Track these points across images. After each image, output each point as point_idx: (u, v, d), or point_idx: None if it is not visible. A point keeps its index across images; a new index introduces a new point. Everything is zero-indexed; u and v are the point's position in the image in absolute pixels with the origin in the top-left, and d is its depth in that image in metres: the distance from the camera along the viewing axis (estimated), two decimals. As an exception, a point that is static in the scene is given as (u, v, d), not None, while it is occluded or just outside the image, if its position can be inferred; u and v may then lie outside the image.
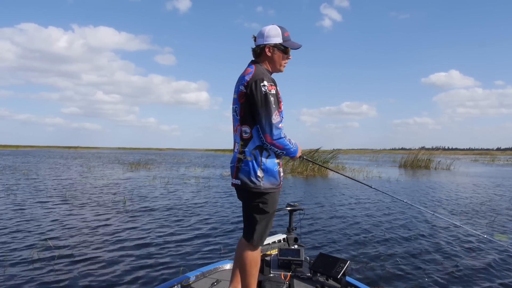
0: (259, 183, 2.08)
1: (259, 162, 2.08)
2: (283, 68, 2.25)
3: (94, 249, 4.56)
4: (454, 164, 24.81)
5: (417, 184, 13.78)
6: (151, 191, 10.35)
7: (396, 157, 31.24)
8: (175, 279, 2.65)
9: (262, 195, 2.10)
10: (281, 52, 2.17)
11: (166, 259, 4.22)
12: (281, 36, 2.15)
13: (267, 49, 2.16)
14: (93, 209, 7.30)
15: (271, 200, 2.14)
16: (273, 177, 2.11)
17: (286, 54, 2.20)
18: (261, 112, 2.02)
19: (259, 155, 2.09)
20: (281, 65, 2.22)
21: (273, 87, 2.05)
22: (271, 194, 2.13)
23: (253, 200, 2.13)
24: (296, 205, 3.45)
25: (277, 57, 2.18)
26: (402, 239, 5.35)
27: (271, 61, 2.19)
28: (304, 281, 2.68)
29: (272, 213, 2.18)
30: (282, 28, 2.17)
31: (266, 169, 2.09)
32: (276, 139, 2.04)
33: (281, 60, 2.20)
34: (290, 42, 2.19)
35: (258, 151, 2.09)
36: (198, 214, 6.96)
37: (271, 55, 2.17)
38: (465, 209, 8.02)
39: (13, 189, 10.11)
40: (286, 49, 2.19)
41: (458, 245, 5.01)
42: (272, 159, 2.11)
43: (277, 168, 2.14)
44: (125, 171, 18.16)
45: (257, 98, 2.02)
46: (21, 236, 5.08)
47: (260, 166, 2.08)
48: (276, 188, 2.15)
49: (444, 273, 3.92)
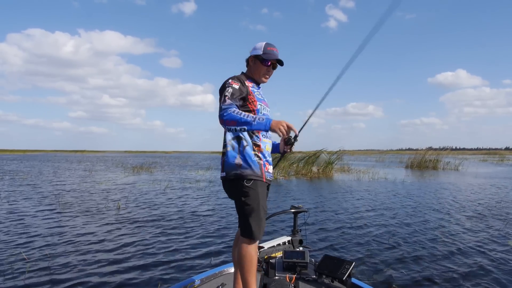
0: (237, 170, 2.16)
1: (236, 150, 2.19)
2: (266, 80, 2.42)
3: (87, 257, 4.27)
4: (462, 164, 24.25)
5: (425, 185, 13.33)
6: (151, 194, 10.08)
7: (403, 157, 30.65)
8: (180, 283, 2.65)
9: (242, 186, 2.15)
10: (260, 63, 2.35)
11: (170, 264, 4.15)
12: (262, 49, 2.34)
13: (250, 60, 2.40)
14: (85, 215, 7.02)
15: (253, 193, 2.15)
16: (253, 165, 2.17)
17: (265, 66, 2.36)
18: (219, 101, 2.16)
19: (237, 144, 2.20)
20: (260, 75, 2.39)
21: (235, 83, 2.20)
22: (252, 185, 2.15)
23: (235, 191, 2.19)
24: (300, 207, 3.44)
25: (256, 67, 2.37)
26: (408, 240, 5.22)
27: (252, 71, 2.40)
28: (310, 283, 2.67)
29: (256, 206, 2.16)
30: (270, 44, 2.38)
31: (244, 157, 2.17)
32: (222, 114, 2.04)
33: (260, 70, 2.37)
34: (268, 55, 2.34)
35: (235, 141, 2.21)
36: (200, 217, 6.71)
37: (252, 65, 2.39)
38: (477, 212, 7.60)
39: (4, 195, 9.87)
40: (264, 61, 2.34)
41: (466, 249, 4.77)
42: (250, 148, 2.20)
43: (257, 160, 2.20)
44: (127, 175, 17.97)
45: (220, 90, 2.22)
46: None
47: (238, 154, 2.18)
48: (257, 178, 2.17)
49: (451, 276, 3.82)
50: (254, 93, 2.33)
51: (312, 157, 18.76)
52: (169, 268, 3.99)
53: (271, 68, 2.41)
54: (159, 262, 4.20)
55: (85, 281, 3.58)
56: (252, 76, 2.40)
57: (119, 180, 14.82)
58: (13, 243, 4.91)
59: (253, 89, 2.34)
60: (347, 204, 8.65)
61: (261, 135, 2.28)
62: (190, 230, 5.76)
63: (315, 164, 18.19)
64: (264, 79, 2.42)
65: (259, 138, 2.27)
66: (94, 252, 4.55)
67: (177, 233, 5.58)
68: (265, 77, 2.41)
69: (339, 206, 8.32)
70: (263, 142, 2.29)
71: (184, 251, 4.64)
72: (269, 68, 2.40)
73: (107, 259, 4.29)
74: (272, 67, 2.42)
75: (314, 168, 18.04)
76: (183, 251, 4.62)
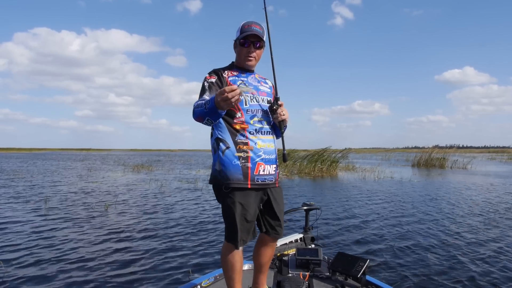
0: (216, 175, 2.02)
1: (217, 154, 2.02)
2: (251, 61, 2.13)
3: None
4: (471, 162, 23.58)
5: (433, 185, 12.78)
6: (144, 194, 9.67)
7: (409, 156, 29.98)
8: (195, 280, 2.61)
9: (220, 193, 2.01)
10: (239, 45, 2.10)
11: (180, 263, 4.07)
12: (240, 29, 2.09)
13: (234, 46, 2.17)
14: (70, 215, 6.58)
15: (230, 201, 1.97)
16: (233, 170, 1.97)
17: (244, 47, 2.09)
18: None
19: (216, 147, 2.03)
20: (241, 58, 2.13)
21: (212, 77, 2.06)
22: (230, 193, 1.97)
23: (216, 197, 2.09)
24: (312, 204, 3.42)
25: (238, 51, 2.14)
26: (421, 239, 5.16)
27: (237, 56, 2.18)
28: (324, 280, 2.63)
29: (232, 215, 1.97)
30: (248, 22, 2.10)
31: (223, 161, 1.98)
32: (193, 112, 1.92)
33: (241, 54, 2.12)
34: (244, 33, 2.06)
35: (215, 143, 2.04)
36: (207, 216, 6.27)
37: (235, 50, 2.16)
38: (491, 213, 7.07)
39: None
40: (241, 41, 2.08)
41: (481, 251, 4.54)
42: (231, 151, 1.98)
43: (240, 163, 1.97)
44: (125, 173, 17.63)
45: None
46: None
47: (218, 158, 2.01)
48: (238, 184, 1.96)
49: (465, 276, 3.75)
50: (236, 83, 2.07)
51: (316, 156, 18.29)
52: (178, 268, 3.91)
53: (251, 47, 2.09)
54: (168, 261, 4.12)
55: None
56: (238, 63, 2.17)
57: (116, 179, 14.46)
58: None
59: (234, 78, 2.10)
60: (354, 201, 8.50)
61: (247, 132, 2.01)
62: (202, 229, 5.61)
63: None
64: (248, 62, 2.13)
65: (244, 136, 2.00)
66: (71, 253, 4.11)
67: (187, 233, 5.42)
68: (247, 59, 2.12)
69: (346, 203, 8.20)
70: (251, 140, 2.01)
71: (194, 249, 4.57)
72: (250, 48, 2.09)
73: (86, 263, 3.90)
74: (254, 46, 2.09)
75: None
76: (193, 250, 4.55)
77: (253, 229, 2.08)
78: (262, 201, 2.09)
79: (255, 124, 2.03)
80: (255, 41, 2.07)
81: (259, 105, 2.08)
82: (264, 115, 2.08)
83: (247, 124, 2.01)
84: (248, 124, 2.02)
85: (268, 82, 2.25)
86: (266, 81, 2.25)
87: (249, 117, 2.03)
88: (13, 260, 4.09)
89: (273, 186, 2.09)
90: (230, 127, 2.00)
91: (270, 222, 2.14)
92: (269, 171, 2.04)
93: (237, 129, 2.00)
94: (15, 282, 3.49)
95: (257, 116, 2.05)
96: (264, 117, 2.08)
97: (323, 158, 18.18)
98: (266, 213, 2.13)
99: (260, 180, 2.01)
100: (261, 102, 2.10)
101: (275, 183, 2.11)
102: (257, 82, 2.17)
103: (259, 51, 2.12)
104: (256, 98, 2.08)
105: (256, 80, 2.17)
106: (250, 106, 2.04)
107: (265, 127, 2.07)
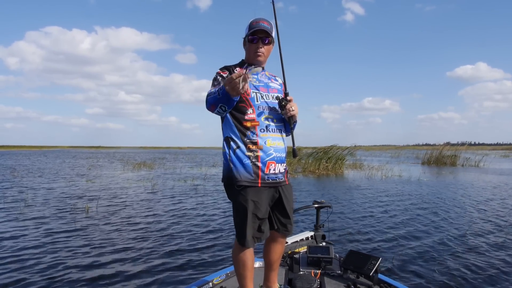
0: (227, 174, 2.02)
1: (227, 152, 2.04)
2: (260, 57, 2.13)
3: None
4: (483, 160, 22.68)
5: (444, 184, 12.09)
6: (136, 193, 9.25)
7: (420, 153, 29.11)
8: (206, 277, 2.61)
9: (232, 191, 2.02)
10: (248, 42, 2.13)
11: (190, 260, 4.06)
12: (248, 27, 2.13)
13: (243, 44, 2.20)
14: (52, 213, 6.15)
15: (242, 199, 1.97)
16: (244, 169, 1.98)
17: (252, 43, 2.11)
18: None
19: (227, 146, 2.05)
20: (251, 55, 2.14)
21: (224, 72, 2.07)
22: (242, 191, 1.97)
23: (228, 194, 2.10)
24: (323, 202, 3.40)
25: (247, 48, 2.17)
26: (434, 238, 5.07)
27: (246, 53, 2.20)
28: (335, 278, 2.63)
29: (244, 213, 1.96)
30: (256, 19, 2.12)
31: (234, 160, 2.00)
32: (206, 101, 1.93)
33: (250, 50, 2.14)
34: (251, 30, 2.08)
35: (226, 142, 2.06)
36: (218, 214, 5.99)
37: (245, 48, 2.20)
38: (506, 214, 6.48)
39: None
40: (250, 38, 2.10)
41: (499, 254, 4.33)
42: (241, 150, 2.00)
43: (251, 163, 1.99)
44: (125, 171, 17.33)
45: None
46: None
47: (229, 156, 2.02)
48: (249, 183, 1.97)
49: (480, 273, 3.71)
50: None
51: (321, 153, 17.69)
52: (186, 266, 3.89)
53: (260, 43, 2.10)
54: (177, 259, 4.10)
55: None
56: (248, 60, 2.19)
57: (114, 177, 14.12)
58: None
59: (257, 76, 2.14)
60: (361, 200, 8.42)
61: (257, 129, 2.01)
62: (214, 227, 5.59)
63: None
64: (258, 58, 2.13)
65: (254, 134, 2.00)
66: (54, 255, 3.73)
67: (198, 231, 5.40)
68: (256, 55, 2.12)
69: (354, 202, 8.14)
70: (261, 138, 2.01)
71: (205, 248, 4.52)
72: (258, 44, 2.10)
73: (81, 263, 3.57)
74: (262, 42, 2.10)
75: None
76: (203, 248, 4.50)
77: (265, 226, 2.06)
78: (274, 199, 2.10)
79: (265, 121, 2.04)
80: (263, 37, 2.09)
81: (270, 102, 2.09)
82: (275, 113, 2.09)
83: (258, 121, 2.02)
84: (259, 121, 2.02)
85: (278, 80, 2.26)
86: (276, 78, 2.26)
87: (260, 113, 2.04)
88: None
89: (283, 184, 2.10)
90: (240, 126, 2.01)
91: (281, 219, 2.15)
92: (279, 169, 2.06)
93: (247, 126, 2.00)
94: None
95: (268, 113, 2.06)
96: (275, 115, 2.08)
97: (328, 156, 17.55)
98: (277, 210, 2.14)
99: (270, 179, 2.03)
100: (272, 100, 2.10)
101: (285, 181, 2.12)
102: (268, 79, 2.19)
103: (267, 47, 2.13)
104: (267, 95, 2.10)
105: (267, 77, 2.19)
106: (261, 103, 2.05)
107: (276, 124, 2.08)
